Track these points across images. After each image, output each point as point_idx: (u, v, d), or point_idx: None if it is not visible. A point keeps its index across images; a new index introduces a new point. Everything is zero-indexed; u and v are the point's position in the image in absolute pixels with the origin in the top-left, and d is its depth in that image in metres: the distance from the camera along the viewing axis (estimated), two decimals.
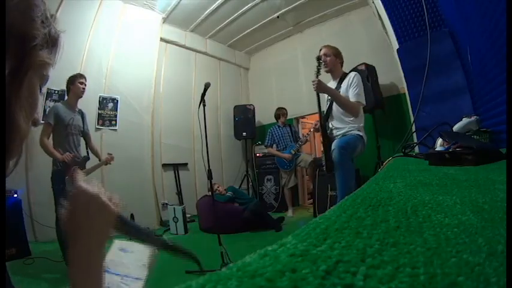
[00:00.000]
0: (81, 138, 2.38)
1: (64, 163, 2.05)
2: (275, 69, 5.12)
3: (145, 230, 0.46)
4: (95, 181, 0.43)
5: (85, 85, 2.29)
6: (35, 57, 0.31)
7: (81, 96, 2.31)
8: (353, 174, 1.94)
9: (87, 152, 2.43)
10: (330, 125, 2.15)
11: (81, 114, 2.37)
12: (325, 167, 2.08)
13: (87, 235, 0.38)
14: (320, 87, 1.95)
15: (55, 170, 2.10)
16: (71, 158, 2.07)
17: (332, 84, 2.19)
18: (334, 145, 1.92)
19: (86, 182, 0.41)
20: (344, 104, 2.00)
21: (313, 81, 1.96)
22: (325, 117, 2.15)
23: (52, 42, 0.33)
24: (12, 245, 2.24)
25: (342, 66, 2.20)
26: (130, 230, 0.44)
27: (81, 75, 2.30)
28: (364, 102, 2.05)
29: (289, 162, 3.89)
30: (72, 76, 2.28)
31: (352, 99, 2.00)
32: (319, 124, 2.15)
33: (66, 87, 2.28)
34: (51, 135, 2.15)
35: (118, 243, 0.72)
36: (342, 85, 2.09)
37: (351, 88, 2.01)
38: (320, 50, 2.17)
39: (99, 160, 2.43)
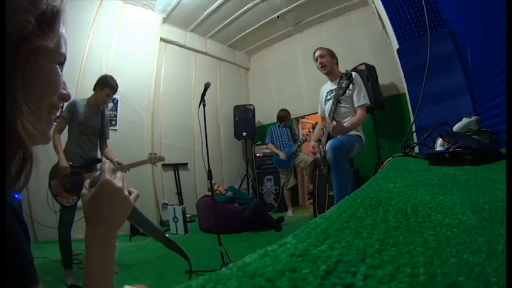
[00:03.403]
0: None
1: (59, 170, 1.94)
2: (275, 69, 5.12)
3: (152, 224, 0.54)
4: (120, 175, 0.48)
5: (110, 98, 2.20)
6: (26, 49, 0.30)
7: (100, 106, 2.20)
8: (349, 175, 1.89)
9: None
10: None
11: (102, 114, 2.23)
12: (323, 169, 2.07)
13: (106, 221, 0.44)
14: (337, 130, 1.90)
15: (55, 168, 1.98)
16: (66, 172, 1.95)
17: (330, 85, 2.17)
18: (328, 146, 1.87)
19: (111, 173, 0.46)
20: (357, 126, 2.00)
21: (329, 124, 1.89)
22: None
23: (49, 21, 0.32)
24: None
25: (337, 66, 2.19)
26: (140, 221, 0.52)
27: (112, 88, 2.14)
28: (368, 102, 2.03)
29: (286, 162, 3.90)
30: (106, 79, 2.14)
31: (357, 104, 1.99)
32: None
33: (96, 84, 2.15)
34: (68, 130, 2.06)
35: None
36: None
37: (354, 92, 1.99)
38: (314, 53, 2.16)
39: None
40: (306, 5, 3.95)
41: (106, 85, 2.13)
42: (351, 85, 1.89)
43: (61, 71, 0.37)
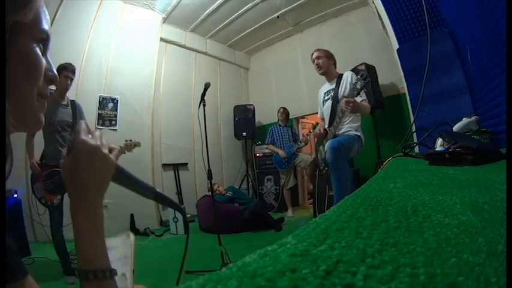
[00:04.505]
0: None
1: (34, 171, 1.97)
2: (275, 69, 5.12)
3: (141, 181, 0.49)
4: (98, 133, 0.43)
5: (71, 79, 2.06)
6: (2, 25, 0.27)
7: (66, 91, 2.10)
8: (348, 175, 1.88)
9: None
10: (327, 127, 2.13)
11: (73, 106, 2.14)
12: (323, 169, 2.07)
13: (88, 186, 0.40)
14: (355, 108, 1.81)
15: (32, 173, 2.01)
16: (34, 167, 1.97)
17: (328, 86, 2.18)
18: (326, 146, 1.86)
19: (86, 133, 0.42)
20: (366, 111, 1.98)
21: (348, 102, 1.76)
22: (330, 123, 2.10)
23: None
24: None
25: (335, 67, 2.19)
26: (126, 179, 0.47)
27: (66, 68, 2.02)
28: (366, 98, 2.04)
29: (286, 161, 3.90)
30: (60, 65, 2.01)
31: (360, 98, 1.98)
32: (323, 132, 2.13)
33: None
34: (42, 134, 2.04)
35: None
36: (340, 86, 2.06)
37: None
38: (312, 55, 2.17)
39: None
40: (306, 5, 3.95)
41: (61, 69, 2.01)
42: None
43: (46, 51, 0.34)
